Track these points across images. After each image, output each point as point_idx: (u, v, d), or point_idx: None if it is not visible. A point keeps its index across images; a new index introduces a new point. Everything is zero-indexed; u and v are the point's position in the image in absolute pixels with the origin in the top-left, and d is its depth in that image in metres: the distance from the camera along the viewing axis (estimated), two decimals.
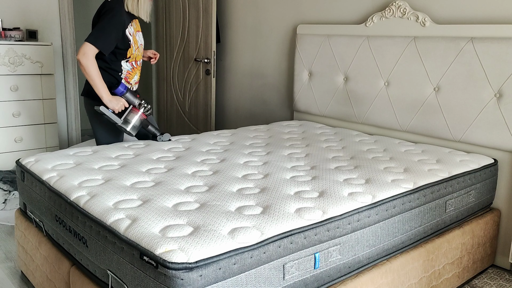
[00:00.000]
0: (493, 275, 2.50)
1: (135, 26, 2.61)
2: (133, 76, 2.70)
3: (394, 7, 2.89)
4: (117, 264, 1.48)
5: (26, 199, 2.15)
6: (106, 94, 2.48)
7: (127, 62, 2.63)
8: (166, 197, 1.72)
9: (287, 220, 1.57)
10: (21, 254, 2.27)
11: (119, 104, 2.51)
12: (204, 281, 1.31)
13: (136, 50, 2.64)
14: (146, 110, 2.60)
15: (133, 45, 2.59)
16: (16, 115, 3.72)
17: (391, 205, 1.86)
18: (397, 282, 1.92)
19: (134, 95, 2.59)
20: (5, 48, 3.57)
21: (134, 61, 2.67)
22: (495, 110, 2.46)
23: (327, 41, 3.28)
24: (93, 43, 2.42)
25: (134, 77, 2.72)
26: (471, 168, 2.31)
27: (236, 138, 2.77)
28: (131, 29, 2.56)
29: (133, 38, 2.58)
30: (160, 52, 4.74)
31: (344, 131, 3.07)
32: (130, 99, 2.58)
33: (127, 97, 2.57)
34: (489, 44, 2.45)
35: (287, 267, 1.52)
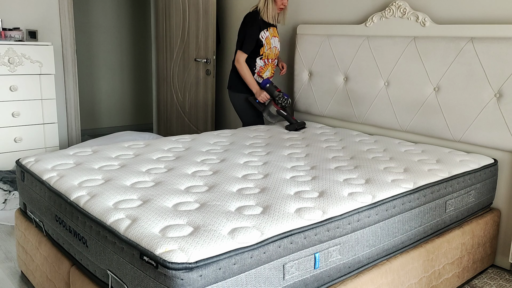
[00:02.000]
0: (493, 275, 2.50)
1: (272, 32, 3.29)
2: (265, 70, 3.34)
3: (394, 7, 2.89)
4: (117, 264, 1.48)
5: (26, 199, 2.15)
6: (256, 88, 3.25)
7: (260, 59, 3.29)
8: (166, 197, 1.72)
9: (287, 220, 1.57)
10: (21, 254, 2.27)
11: (261, 95, 3.21)
12: (204, 281, 1.31)
13: (268, 49, 3.28)
14: (280, 103, 3.15)
15: (265, 45, 3.25)
16: (16, 115, 3.72)
17: (391, 205, 1.86)
18: (397, 282, 1.92)
19: (274, 89, 3.18)
20: (5, 48, 3.56)
21: (266, 59, 3.31)
22: (495, 110, 2.46)
23: (327, 41, 3.27)
24: (242, 50, 3.22)
25: (266, 72, 3.35)
26: (471, 168, 2.31)
27: (236, 138, 2.77)
28: (267, 33, 3.25)
29: (266, 40, 3.25)
30: (160, 52, 4.74)
31: (344, 131, 3.07)
32: (270, 92, 3.18)
33: (268, 90, 3.18)
34: (489, 44, 2.45)
35: (287, 267, 1.52)
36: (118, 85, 5.94)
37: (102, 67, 5.78)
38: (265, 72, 3.34)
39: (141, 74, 6.11)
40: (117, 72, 5.90)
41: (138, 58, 6.03)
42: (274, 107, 3.18)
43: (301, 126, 3.12)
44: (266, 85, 3.18)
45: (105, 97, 5.86)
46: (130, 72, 6.01)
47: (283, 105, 3.15)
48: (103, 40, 5.70)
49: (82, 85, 5.56)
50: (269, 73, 3.37)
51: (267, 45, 3.26)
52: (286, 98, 3.15)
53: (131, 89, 6.06)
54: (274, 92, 3.17)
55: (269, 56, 3.31)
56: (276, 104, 3.17)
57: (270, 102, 3.20)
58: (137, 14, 5.92)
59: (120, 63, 5.90)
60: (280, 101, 3.15)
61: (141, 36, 6.00)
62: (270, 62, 3.34)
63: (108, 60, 5.79)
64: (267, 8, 3.21)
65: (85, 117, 5.70)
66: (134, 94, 6.10)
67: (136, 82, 6.08)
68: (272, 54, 3.33)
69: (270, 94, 3.18)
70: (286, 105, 3.16)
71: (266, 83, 3.19)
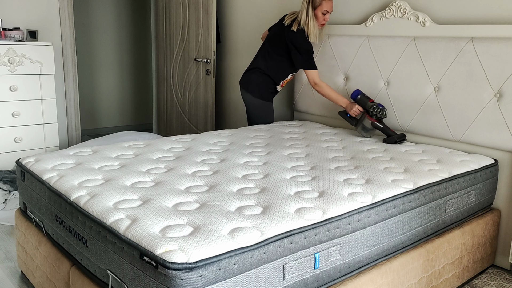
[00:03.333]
0: (493, 275, 2.50)
1: None
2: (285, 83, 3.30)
3: (394, 7, 2.89)
4: (117, 264, 1.48)
5: (26, 199, 2.15)
6: (344, 102, 2.96)
7: (292, 75, 3.26)
8: (166, 197, 1.72)
9: (287, 220, 1.56)
10: (21, 254, 2.27)
11: (353, 109, 2.89)
12: (204, 281, 1.31)
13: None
14: (374, 114, 2.77)
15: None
16: (16, 115, 3.71)
17: (391, 205, 1.86)
18: (397, 282, 1.92)
19: (366, 100, 2.84)
20: (5, 48, 3.56)
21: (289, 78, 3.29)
22: (495, 110, 2.46)
23: (327, 41, 3.27)
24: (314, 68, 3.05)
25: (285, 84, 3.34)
26: (471, 168, 2.31)
27: (236, 138, 2.77)
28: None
29: None
30: (160, 52, 4.74)
31: (345, 131, 3.06)
32: (362, 104, 2.86)
33: (360, 102, 2.86)
34: (489, 44, 2.45)
35: (287, 267, 1.52)
36: (118, 85, 5.94)
37: (102, 67, 5.77)
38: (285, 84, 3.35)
39: (141, 74, 6.10)
40: (117, 72, 5.90)
41: (138, 58, 6.03)
42: (368, 120, 2.81)
43: (401, 138, 2.73)
44: (357, 96, 2.86)
45: (105, 97, 5.86)
46: (130, 72, 6.01)
47: (379, 116, 2.78)
48: (103, 40, 5.70)
49: (82, 85, 5.56)
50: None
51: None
52: (381, 109, 2.77)
53: (131, 89, 6.06)
54: (367, 103, 2.83)
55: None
56: (371, 116, 2.80)
57: (364, 114, 2.84)
58: (137, 13, 5.92)
59: (120, 63, 5.90)
60: (375, 112, 2.76)
61: (141, 36, 5.99)
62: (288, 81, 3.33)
63: (108, 60, 5.79)
64: (309, 26, 2.97)
65: (85, 117, 5.70)
66: (134, 94, 6.10)
67: (136, 82, 6.08)
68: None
69: (363, 106, 2.85)
70: (383, 116, 2.78)
71: (357, 94, 2.86)
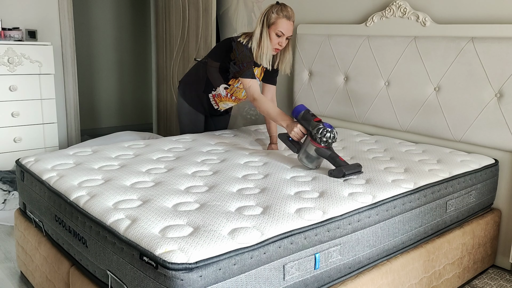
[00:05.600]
0: (493, 276, 2.50)
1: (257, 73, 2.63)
2: (223, 101, 2.79)
3: (394, 7, 2.88)
4: (117, 264, 1.47)
5: (26, 199, 2.15)
6: (285, 121, 2.28)
7: (225, 88, 2.69)
8: (166, 197, 1.72)
9: (287, 220, 1.56)
10: (21, 254, 2.27)
11: (294, 130, 2.19)
12: (204, 282, 1.31)
13: (239, 89, 2.70)
14: (319, 137, 2.05)
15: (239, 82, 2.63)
16: (15, 115, 3.71)
17: (391, 205, 1.86)
18: (398, 282, 1.92)
19: (310, 119, 2.12)
20: (5, 48, 3.56)
21: (231, 94, 2.73)
22: (496, 110, 2.46)
23: (327, 41, 3.27)
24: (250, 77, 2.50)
25: (224, 104, 2.82)
26: (472, 168, 2.31)
27: (236, 139, 2.76)
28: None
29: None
30: (160, 52, 4.73)
31: (345, 131, 3.06)
32: (305, 124, 2.14)
33: (303, 120, 2.16)
34: (489, 44, 2.45)
35: (287, 268, 1.52)
36: (117, 85, 5.93)
37: (102, 67, 5.77)
38: (222, 103, 2.81)
39: (141, 74, 6.10)
40: (116, 72, 5.89)
41: (138, 58, 6.02)
42: (312, 146, 2.09)
43: (353, 171, 2.02)
44: (299, 113, 2.17)
45: (104, 97, 5.86)
46: (130, 72, 6.00)
47: (325, 141, 2.06)
48: (102, 40, 5.70)
49: (81, 85, 5.55)
50: (228, 106, 2.89)
51: (241, 84, 2.64)
52: (329, 131, 2.05)
53: (131, 89, 6.05)
54: (311, 122, 2.10)
55: (235, 94, 2.74)
56: (314, 140, 2.07)
57: (307, 138, 2.13)
58: (137, 13, 5.92)
59: (120, 63, 5.89)
60: (319, 135, 2.04)
61: (141, 36, 5.99)
62: (232, 99, 2.78)
63: (107, 60, 5.78)
64: (260, 46, 2.48)
65: (84, 117, 5.69)
66: (134, 94, 6.09)
67: (136, 82, 6.07)
68: (242, 95, 2.75)
69: (306, 126, 2.14)
70: (330, 141, 2.06)
71: (299, 111, 2.17)
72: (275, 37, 2.46)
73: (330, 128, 2.06)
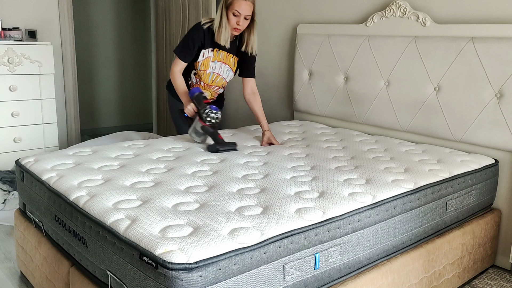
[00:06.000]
0: (493, 276, 2.49)
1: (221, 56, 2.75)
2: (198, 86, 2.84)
3: (394, 7, 2.88)
4: (117, 264, 1.47)
5: (26, 199, 2.14)
6: (184, 99, 2.65)
7: (194, 74, 2.81)
8: (166, 197, 1.71)
9: (287, 220, 1.56)
10: (21, 254, 2.27)
11: (187, 107, 2.58)
12: (204, 282, 1.31)
13: (203, 72, 2.77)
14: (204, 117, 2.47)
15: (200, 65, 2.74)
16: (15, 115, 3.71)
17: (391, 205, 1.86)
18: (398, 282, 1.91)
19: (201, 101, 2.53)
20: (4, 48, 3.56)
21: (199, 79, 2.81)
22: (496, 110, 2.46)
23: (327, 41, 3.27)
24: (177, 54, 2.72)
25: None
26: (472, 168, 2.31)
27: (236, 138, 2.76)
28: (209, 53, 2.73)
29: (205, 61, 2.73)
30: (160, 52, 4.73)
31: (345, 131, 3.06)
32: (196, 104, 2.54)
33: (195, 101, 2.55)
34: (489, 44, 2.45)
35: (287, 268, 1.52)
36: (117, 85, 5.93)
37: (102, 66, 5.77)
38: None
39: (141, 74, 6.10)
40: (116, 72, 5.89)
41: (138, 58, 6.02)
42: (199, 123, 2.51)
43: (226, 147, 2.43)
44: (193, 94, 2.56)
45: (104, 97, 5.86)
46: (130, 72, 6.00)
47: (209, 121, 2.48)
48: (102, 40, 5.70)
49: (81, 85, 5.55)
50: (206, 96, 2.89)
51: (201, 66, 2.75)
52: (214, 112, 2.47)
53: (131, 89, 6.05)
54: (201, 104, 2.51)
55: (203, 79, 2.81)
56: (201, 119, 2.49)
57: (197, 117, 2.55)
58: (137, 13, 5.92)
59: (120, 62, 5.89)
60: (204, 115, 2.46)
61: (141, 36, 5.99)
62: (207, 87, 2.84)
63: (107, 60, 5.78)
64: (220, 26, 2.63)
65: (84, 117, 5.69)
66: (134, 94, 6.09)
67: (136, 82, 6.07)
68: (208, 80, 2.81)
69: (197, 106, 2.54)
70: (214, 121, 2.48)
71: (194, 92, 2.56)
72: (233, 17, 2.59)
73: (216, 110, 2.49)
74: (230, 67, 2.81)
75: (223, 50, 2.74)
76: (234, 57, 2.80)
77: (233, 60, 2.80)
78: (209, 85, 2.83)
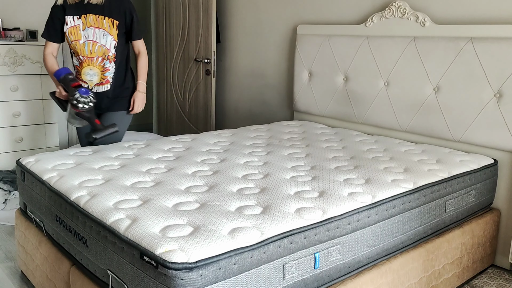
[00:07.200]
0: (493, 275, 2.50)
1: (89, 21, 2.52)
2: (81, 71, 2.56)
3: (394, 7, 2.89)
4: (117, 264, 1.48)
5: (26, 199, 2.15)
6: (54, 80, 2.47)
7: (74, 56, 2.59)
8: (166, 197, 1.72)
9: (287, 220, 1.57)
10: (21, 254, 2.27)
11: (58, 90, 2.36)
12: (204, 281, 1.31)
13: (75, 42, 2.53)
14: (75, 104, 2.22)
15: (69, 34, 2.52)
16: (16, 115, 3.72)
17: (391, 205, 1.86)
18: (397, 282, 1.92)
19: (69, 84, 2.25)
20: (5, 48, 3.57)
21: (78, 55, 2.56)
22: (495, 110, 2.46)
23: (327, 41, 3.28)
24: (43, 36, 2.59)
25: (87, 74, 2.57)
26: (471, 168, 2.31)
27: (236, 138, 2.77)
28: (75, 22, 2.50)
29: (71, 30, 2.50)
30: (160, 52, 4.74)
31: (344, 131, 3.07)
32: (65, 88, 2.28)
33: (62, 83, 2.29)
34: (489, 44, 2.45)
35: (287, 267, 1.52)
36: None
37: None
38: (86, 75, 2.58)
39: None
40: None
41: None
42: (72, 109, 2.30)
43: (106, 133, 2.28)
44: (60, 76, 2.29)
45: None
46: None
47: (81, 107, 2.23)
48: None
49: None
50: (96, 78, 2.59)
51: (70, 37, 2.51)
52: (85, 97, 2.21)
53: None
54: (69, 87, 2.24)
55: (81, 53, 2.54)
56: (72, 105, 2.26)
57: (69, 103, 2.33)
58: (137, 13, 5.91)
59: None
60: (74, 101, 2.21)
61: None
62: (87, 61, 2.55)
63: None
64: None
65: None
66: None
67: None
68: (86, 51, 2.53)
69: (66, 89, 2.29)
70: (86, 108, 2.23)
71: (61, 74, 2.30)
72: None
73: (86, 94, 2.21)
74: (107, 31, 2.54)
75: (92, 14, 2.51)
76: (109, 20, 2.53)
77: (108, 22, 2.53)
78: (89, 57, 2.54)
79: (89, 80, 2.60)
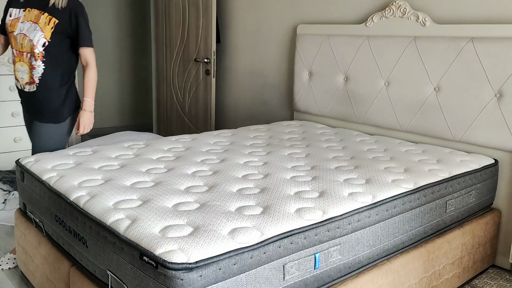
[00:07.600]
0: (493, 275, 2.50)
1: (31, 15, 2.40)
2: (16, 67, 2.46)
3: (394, 7, 2.88)
4: (117, 264, 1.47)
5: (26, 199, 2.15)
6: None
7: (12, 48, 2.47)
8: (166, 197, 1.72)
9: (287, 220, 1.56)
10: (21, 254, 2.27)
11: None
12: (204, 282, 1.31)
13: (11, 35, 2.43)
14: None
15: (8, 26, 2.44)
16: (16, 115, 3.71)
17: (391, 205, 1.86)
18: (397, 282, 1.92)
19: None
20: None
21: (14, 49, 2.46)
22: (496, 110, 2.46)
23: (327, 41, 3.27)
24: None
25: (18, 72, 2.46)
26: (472, 168, 2.31)
27: (236, 138, 2.76)
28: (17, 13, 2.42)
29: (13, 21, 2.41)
30: (160, 52, 4.74)
31: (345, 131, 3.06)
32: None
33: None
34: (489, 44, 2.45)
35: (287, 267, 1.52)
36: (118, 85, 5.93)
37: (102, 67, 5.77)
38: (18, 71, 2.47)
39: (141, 74, 6.10)
40: (117, 72, 5.89)
41: (138, 58, 6.03)
42: None
43: None
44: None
45: (105, 97, 5.86)
46: (130, 72, 6.00)
47: None
48: (102, 40, 5.70)
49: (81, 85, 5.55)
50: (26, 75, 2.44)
51: (9, 28, 2.43)
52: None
53: (131, 89, 6.05)
54: None
55: (13, 46, 2.45)
56: None
57: None
58: (137, 13, 5.92)
59: (120, 63, 5.89)
60: None
61: (141, 36, 5.99)
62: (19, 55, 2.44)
63: (108, 60, 5.78)
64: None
65: None
66: (134, 94, 6.09)
67: (136, 82, 6.07)
68: (18, 44, 2.42)
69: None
70: None
71: None
72: None
73: None
74: (40, 27, 2.38)
75: (36, 9, 2.40)
76: (48, 16, 2.39)
77: (46, 19, 2.39)
78: (20, 52, 2.43)
79: (20, 78, 2.48)
